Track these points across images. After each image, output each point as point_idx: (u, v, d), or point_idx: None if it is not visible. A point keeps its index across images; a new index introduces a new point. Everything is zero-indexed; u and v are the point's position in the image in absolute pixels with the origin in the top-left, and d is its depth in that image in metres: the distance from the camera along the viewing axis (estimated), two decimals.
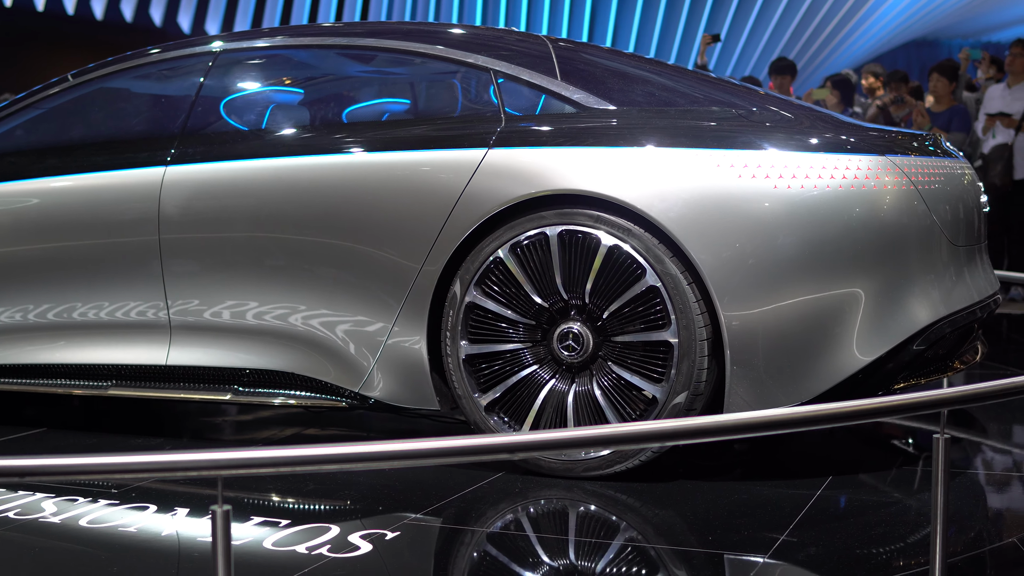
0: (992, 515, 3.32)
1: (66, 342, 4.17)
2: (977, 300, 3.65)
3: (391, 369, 3.70)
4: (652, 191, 3.37)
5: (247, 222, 3.85)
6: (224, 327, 3.91)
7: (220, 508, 2.11)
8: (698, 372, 3.34)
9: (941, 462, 2.49)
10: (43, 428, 4.38)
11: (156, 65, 4.37)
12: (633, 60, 4.06)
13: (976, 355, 3.85)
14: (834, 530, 3.02)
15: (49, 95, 4.46)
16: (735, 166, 3.35)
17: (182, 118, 4.12)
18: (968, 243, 3.68)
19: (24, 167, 4.33)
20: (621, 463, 3.43)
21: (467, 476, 3.54)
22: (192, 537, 3.07)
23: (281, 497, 3.42)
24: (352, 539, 3.00)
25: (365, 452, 2.21)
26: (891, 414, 2.57)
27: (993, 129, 8.43)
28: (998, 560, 2.85)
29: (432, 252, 3.59)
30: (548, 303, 3.50)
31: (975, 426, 4.27)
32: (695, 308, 3.33)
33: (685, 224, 3.33)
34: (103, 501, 3.36)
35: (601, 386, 3.46)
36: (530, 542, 3.06)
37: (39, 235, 4.22)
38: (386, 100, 4.16)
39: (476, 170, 3.56)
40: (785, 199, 3.31)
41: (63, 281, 4.16)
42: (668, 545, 2.96)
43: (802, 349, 3.30)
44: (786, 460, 3.84)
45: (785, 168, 3.33)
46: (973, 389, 2.58)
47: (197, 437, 4.43)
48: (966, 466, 3.75)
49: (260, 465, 2.22)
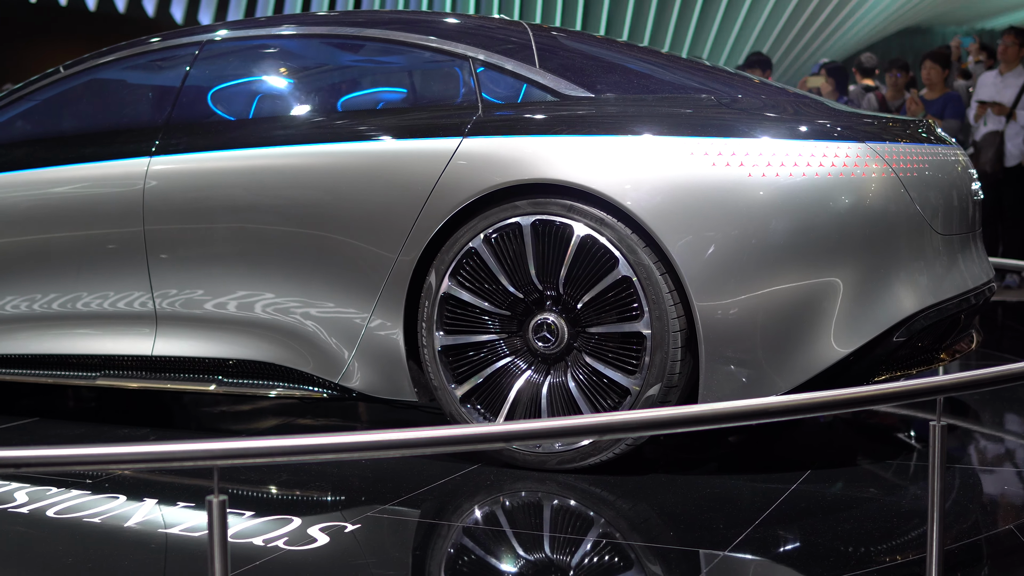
0: (988, 503, 3.33)
1: (56, 332, 4.18)
2: (966, 289, 3.58)
3: (369, 360, 3.68)
4: (625, 180, 3.32)
5: (226, 213, 3.85)
6: (207, 318, 3.92)
7: (216, 498, 2.11)
8: (671, 364, 3.30)
9: (937, 449, 2.49)
10: (36, 417, 4.39)
11: (145, 56, 4.37)
12: (616, 47, 4.04)
13: (971, 344, 3.83)
14: (803, 524, 2.98)
15: (42, 86, 4.48)
16: (709, 154, 3.29)
17: (167, 109, 4.12)
18: (957, 231, 3.60)
19: (15, 159, 4.35)
20: (596, 455, 3.39)
21: (442, 468, 3.52)
22: (157, 525, 3.07)
23: (251, 487, 3.41)
24: (312, 531, 2.97)
25: (361, 442, 2.20)
26: (886, 401, 2.57)
27: (984, 116, 8.44)
28: (994, 548, 2.86)
29: (408, 242, 3.57)
30: (523, 294, 3.48)
31: (969, 414, 4.28)
32: (668, 299, 3.29)
33: (659, 213, 3.29)
34: (75, 491, 3.36)
35: (575, 378, 3.43)
36: (488, 535, 3.03)
37: (29, 226, 4.23)
38: (365, 89, 4.12)
39: (450, 159, 3.54)
40: (760, 188, 3.25)
41: (54, 272, 4.17)
42: (626, 540, 2.93)
43: (778, 341, 3.24)
44: (782, 451, 3.84)
45: (760, 156, 3.27)
46: (969, 376, 2.59)
47: (186, 427, 4.43)
48: (960, 454, 3.76)
49: (256, 455, 2.22)
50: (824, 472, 3.45)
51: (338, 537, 2.94)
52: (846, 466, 3.60)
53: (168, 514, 3.17)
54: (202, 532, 2.98)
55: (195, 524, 3.06)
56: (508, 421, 3.45)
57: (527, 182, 3.43)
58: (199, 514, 3.10)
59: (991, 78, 8.63)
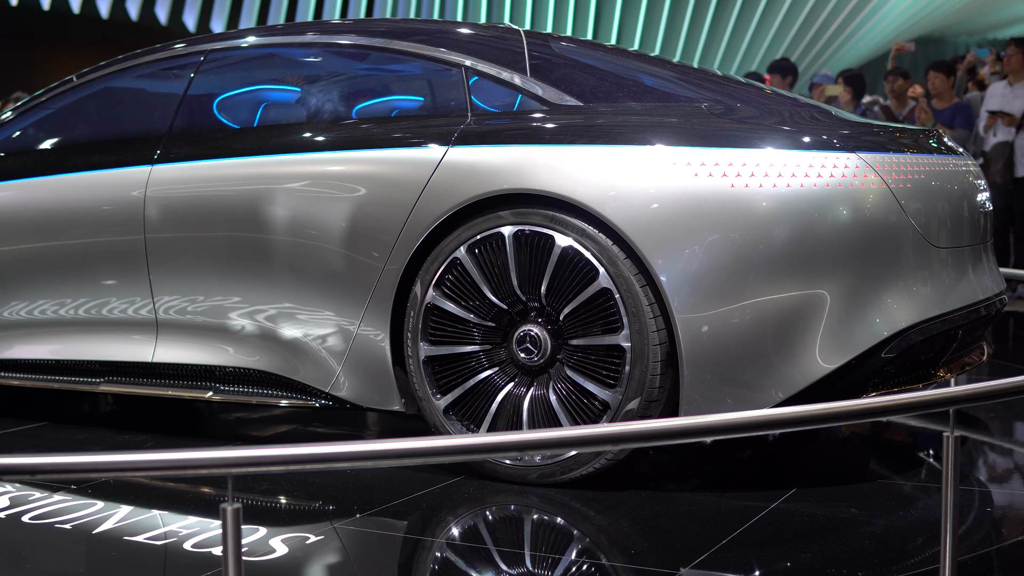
0: (998, 515, 3.32)
1: (61, 339, 4.23)
2: (969, 303, 3.48)
3: (358, 370, 3.67)
4: (608, 190, 3.27)
5: (222, 221, 3.88)
6: (204, 326, 3.94)
7: (231, 506, 2.12)
8: (651, 378, 3.24)
9: (951, 461, 2.49)
10: (45, 422, 4.44)
11: (152, 65, 4.42)
12: (611, 54, 4.01)
13: (982, 356, 3.78)
14: (770, 547, 2.89)
15: (55, 95, 4.56)
16: (692, 164, 3.24)
17: (170, 118, 4.17)
18: (959, 243, 3.51)
19: (26, 166, 4.42)
20: (577, 469, 3.34)
21: (424, 480, 3.48)
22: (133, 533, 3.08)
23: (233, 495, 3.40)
24: (273, 542, 2.96)
25: (375, 451, 2.22)
26: (898, 413, 2.56)
27: (995, 127, 8.43)
28: (1007, 560, 2.85)
29: (394, 251, 3.56)
30: (507, 305, 3.44)
31: (979, 426, 4.27)
32: (648, 312, 3.24)
33: (640, 225, 3.23)
34: (58, 496, 3.38)
35: (556, 391, 3.38)
36: (453, 549, 2.99)
37: (37, 233, 4.30)
38: (357, 98, 4.09)
39: (436, 168, 3.52)
40: (744, 200, 3.19)
41: (59, 278, 4.22)
42: (574, 557, 2.88)
43: (762, 355, 3.17)
44: (785, 466, 3.82)
45: (744, 167, 3.21)
46: (982, 388, 2.58)
47: (191, 434, 4.43)
48: (971, 467, 3.75)
49: (272, 463, 2.23)
50: (810, 491, 3.35)
51: (297, 548, 2.92)
52: (837, 484, 3.49)
53: (170, 521, 3.17)
54: (167, 541, 2.98)
55: (192, 530, 3.06)
56: (482, 433, 3.42)
57: (510, 192, 3.39)
58: (173, 523, 3.11)
59: (1000, 89, 8.62)
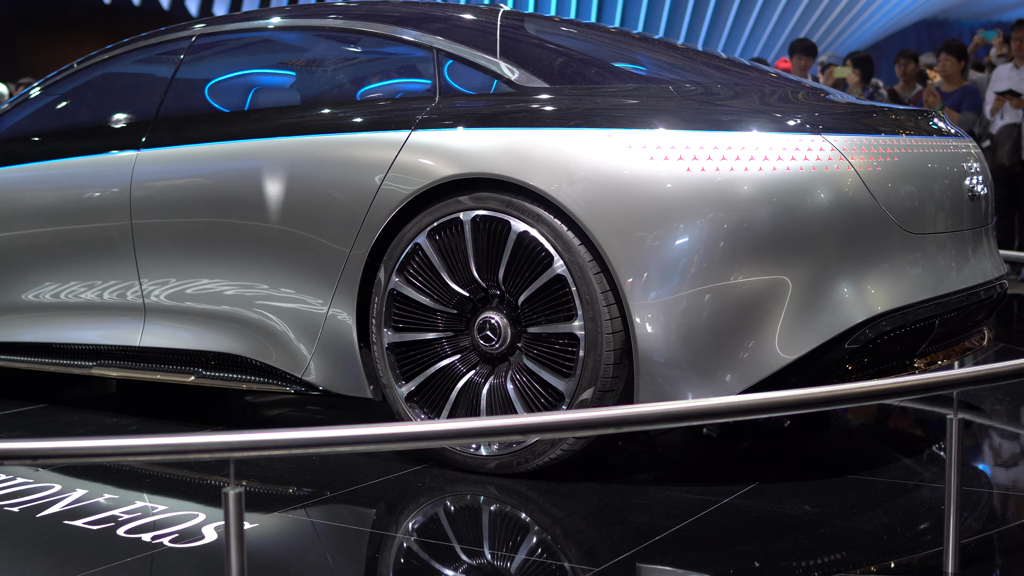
0: (1001, 497, 3.31)
1: (54, 322, 4.27)
2: (949, 291, 3.34)
3: (327, 356, 3.64)
4: (561, 174, 3.18)
5: (200, 206, 3.89)
6: (187, 311, 3.95)
7: (232, 490, 2.12)
8: (605, 367, 3.15)
9: (955, 443, 2.49)
10: (44, 404, 4.47)
11: (148, 50, 4.44)
12: (588, 32, 3.92)
13: (982, 340, 3.72)
14: (708, 544, 2.78)
15: (57, 81, 4.61)
16: (648, 147, 3.12)
17: (157, 103, 4.18)
18: (945, 228, 3.37)
19: (23, 152, 4.47)
20: (536, 459, 3.26)
21: (382, 468, 3.44)
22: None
23: (189, 474, 3.40)
24: (206, 529, 2.92)
25: (381, 434, 2.22)
26: (901, 395, 2.56)
27: (1002, 109, 8.40)
28: (1010, 543, 2.84)
29: (359, 237, 3.50)
30: (468, 292, 3.38)
31: (982, 409, 4.26)
32: (601, 299, 3.14)
33: (593, 210, 3.13)
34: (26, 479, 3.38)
35: (514, 380, 3.31)
36: (402, 538, 2.94)
37: (28, 218, 4.35)
38: (330, 81, 4.06)
39: (399, 152, 3.45)
40: (699, 183, 3.07)
41: (52, 262, 4.26)
42: (508, 552, 2.82)
43: (720, 345, 3.06)
44: (772, 456, 3.82)
45: (700, 149, 3.09)
46: (985, 370, 2.58)
47: (183, 419, 4.39)
48: (975, 450, 3.74)
49: (273, 447, 2.23)
50: (772, 485, 3.23)
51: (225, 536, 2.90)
52: (838, 475, 3.36)
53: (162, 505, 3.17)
54: (99, 527, 2.96)
55: (186, 516, 3.06)
56: (434, 420, 3.37)
57: (467, 176, 3.32)
58: (120, 508, 3.10)
59: (1007, 71, 8.58)
